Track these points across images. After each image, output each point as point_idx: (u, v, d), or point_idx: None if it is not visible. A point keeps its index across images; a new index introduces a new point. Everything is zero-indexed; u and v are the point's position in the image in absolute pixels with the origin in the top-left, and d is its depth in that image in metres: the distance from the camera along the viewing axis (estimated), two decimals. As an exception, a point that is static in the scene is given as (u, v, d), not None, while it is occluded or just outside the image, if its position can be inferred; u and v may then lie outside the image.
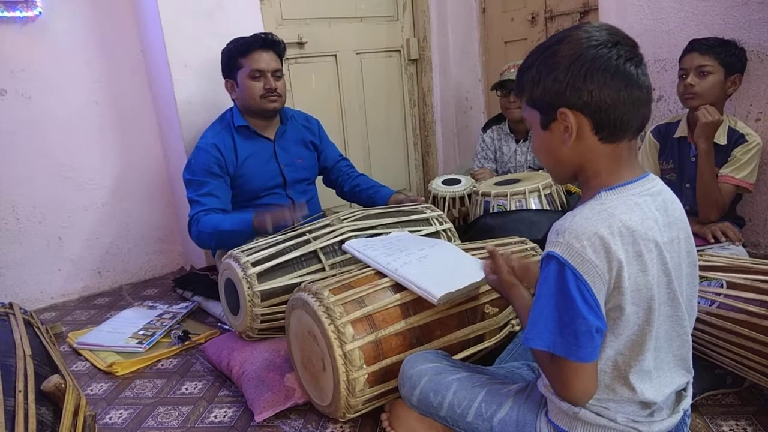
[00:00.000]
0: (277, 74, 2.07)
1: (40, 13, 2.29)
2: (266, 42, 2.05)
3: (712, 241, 1.79)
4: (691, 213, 1.42)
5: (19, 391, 1.19)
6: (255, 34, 2.05)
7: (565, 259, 0.85)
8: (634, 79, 0.88)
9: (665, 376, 0.96)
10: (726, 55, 1.82)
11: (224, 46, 2.09)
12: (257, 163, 2.11)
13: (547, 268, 0.89)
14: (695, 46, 1.85)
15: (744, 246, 1.82)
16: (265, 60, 2.04)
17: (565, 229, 0.87)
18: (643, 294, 0.89)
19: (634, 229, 0.87)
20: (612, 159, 0.92)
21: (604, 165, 0.92)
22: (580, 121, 0.90)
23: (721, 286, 1.33)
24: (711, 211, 1.82)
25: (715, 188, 1.81)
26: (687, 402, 1.01)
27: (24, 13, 2.26)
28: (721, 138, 1.85)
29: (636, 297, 0.88)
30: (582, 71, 0.87)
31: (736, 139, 1.85)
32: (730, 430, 1.28)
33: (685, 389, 1.01)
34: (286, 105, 2.20)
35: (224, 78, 2.11)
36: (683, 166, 1.95)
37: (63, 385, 1.22)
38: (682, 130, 1.95)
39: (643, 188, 0.92)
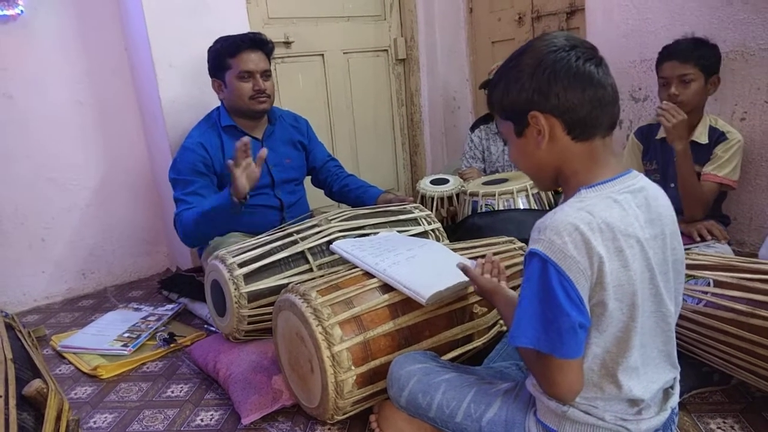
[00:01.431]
0: (266, 75, 2.05)
1: (21, 11, 2.26)
2: (255, 42, 2.03)
3: (698, 239, 1.80)
4: (677, 212, 1.44)
5: (0, 397, 1.17)
6: (243, 34, 2.03)
7: (547, 256, 0.86)
8: (596, 79, 0.91)
9: (652, 372, 0.97)
10: (704, 59, 1.82)
11: (210, 45, 2.07)
12: None
13: (530, 266, 0.89)
14: (673, 53, 1.84)
15: (729, 244, 1.84)
16: (253, 61, 2.01)
17: (546, 226, 0.88)
18: (626, 289, 0.89)
19: (613, 225, 0.88)
20: (588, 157, 0.94)
21: (581, 164, 0.95)
22: (551, 123, 0.92)
23: (708, 285, 1.33)
24: (695, 210, 1.83)
25: (697, 187, 1.82)
26: (675, 400, 1.01)
27: (5, 12, 2.22)
28: (702, 137, 1.87)
29: (618, 292, 0.89)
30: (545, 75, 0.91)
31: (717, 137, 1.86)
32: (718, 427, 1.28)
33: (672, 387, 1.01)
34: (273, 104, 2.18)
35: (211, 77, 2.09)
36: (667, 166, 1.96)
37: (45, 390, 1.20)
38: (663, 131, 1.96)
39: (623, 186, 0.93)
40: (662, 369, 0.99)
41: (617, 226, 0.88)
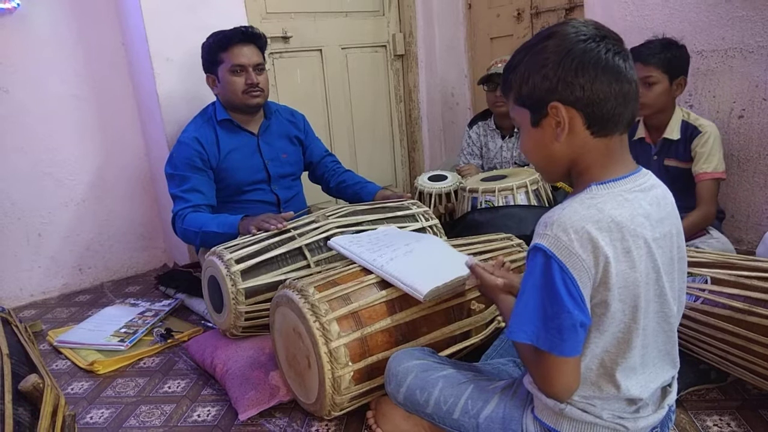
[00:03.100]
0: (259, 68, 2.04)
1: (18, 5, 2.24)
2: (246, 35, 2.01)
3: None
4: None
5: (-4, 392, 1.16)
6: (235, 28, 2.02)
7: (552, 252, 0.85)
8: (623, 73, 0.87)
9: (651, 372, 0.96)
10: (668, 61, 1.81)
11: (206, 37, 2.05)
12: (240, 158, 2.08)
13: (533, 260, 0.88)
14: (636, 56, 1.81)
15: (724, 235, 1.84)
16: (245, 54, 2.00)
17: (553, 221, 0.87)
18: (631, 291, 0.88)
19: (622, 224, 0.86)
20: (604, 153, 0.91)
21: (596, 159, 0.92)
22: (572, 116, 0.88)
23: (706, 282, 1.33)
24: (710, 214, 1.84)
25: (697, 223, 1.82)
26: (672, 397, 1.01)
27: (1, 5, 2.21)
28: (674, 133, 1.88)
29: (623, 294, 0.88)
30: (573, 66, 0.86)
31: (691, 132, 1.86)
32: (714, 425, 1.28)
33: (670, 384, 1.01)
34: (270, 100, 2.17)
35: (205, 73, 2.08)
36: (647, 166, 1.93)
37: (41, 385, 1.19)
38: (641, 132, 1.97)
39: (634, 184, 0.91)
40: (662, 368, 0.98)
41: (626, 225, 0.86)
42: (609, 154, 0.92)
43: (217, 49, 2.00)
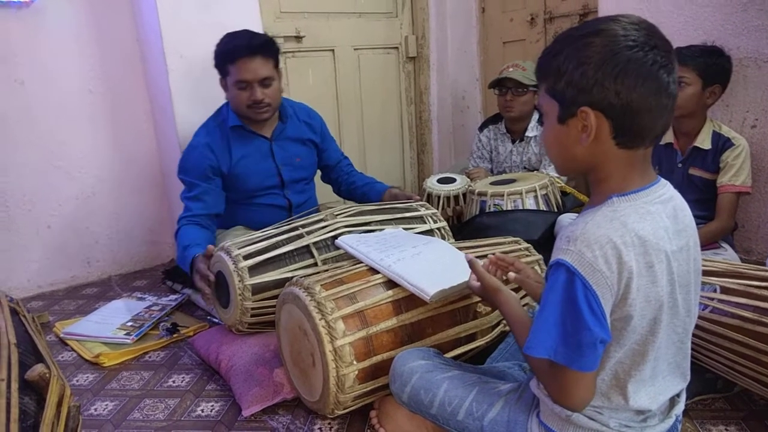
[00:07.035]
0: (266, 82, 1.95)
1: (34, -2, 2.27)
2: (252, 48, 1.91)
3: None
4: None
5: (2, 380, 1.17)
6: (241, 38, 1.95)
7: (576, 269, 0.83)
8: (664, 87, 0.84)
9: (661, 384, 0.95)
10: (705, 66, 1.79)
11: (221, 37, 2.04)
12: (252, 163, 2.05)
13: (555, 275, 0.86)
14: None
15: (736, 251, 1.83)
16: (250, 70, 1.91)
17: (576, 236, 0.84)
18: (652, 305, 0.87)
19: (646, 239, 0.85)
20: (625, 165, 0.89)
21: (617, 170, 0.89)
22: (600, 123, 0.85)
23: (715, 291, 1.33)
24: (727, 226, 1.86)
25: (713, 234, 1.83)
26: (680, 408, 1.00)
27: (18, -2, 2.23)
28: (705, 142, 1.86)
29: (645, 308, 0.87)
30: (615, 71, 0.82)
31: (723, 143, 1.85)
32: (720, 435, 1.28)
33: (678, 395, 1.00)
34: (286, 97, 2.14)
35: (219, 75, 2.04)
36: (671, 172, 1.94)
37: (47, 375, 1.20)
38: (668, 137, 1.95)
39: (654, 195, 0.89)
40: (672, 381, 0.97)
41: (649, 240, 0.85)
42: (630, 165, 0.89)
43: (225, 60, 1.95)
